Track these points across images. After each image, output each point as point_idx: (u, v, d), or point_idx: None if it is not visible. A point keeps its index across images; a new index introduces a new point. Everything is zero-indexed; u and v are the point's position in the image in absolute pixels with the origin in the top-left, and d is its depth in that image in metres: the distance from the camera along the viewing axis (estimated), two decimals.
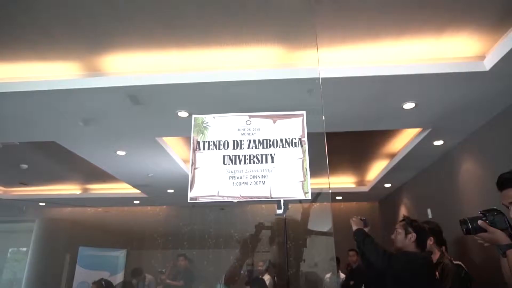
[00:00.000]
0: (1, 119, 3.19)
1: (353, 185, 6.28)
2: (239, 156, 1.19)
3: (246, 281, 3.41)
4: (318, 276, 6.68)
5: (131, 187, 6.01)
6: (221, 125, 1.24)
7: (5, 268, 7.72)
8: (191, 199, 1.13)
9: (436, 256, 2.72)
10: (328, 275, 5.78)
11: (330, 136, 4.42)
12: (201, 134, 1.23)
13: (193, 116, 1.22)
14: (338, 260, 5.64)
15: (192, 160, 1.18)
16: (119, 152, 4.17)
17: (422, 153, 4.32)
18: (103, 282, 3.01)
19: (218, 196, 1.15)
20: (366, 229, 2.58)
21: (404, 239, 2.44)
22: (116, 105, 2.99)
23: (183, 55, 2.65)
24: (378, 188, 6.00)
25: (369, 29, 2.38)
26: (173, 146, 4.40)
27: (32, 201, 6.90)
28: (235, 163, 1.18)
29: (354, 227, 2.57)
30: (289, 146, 1.20)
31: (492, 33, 2.39)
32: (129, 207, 7.37)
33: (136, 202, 6.96)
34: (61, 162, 4.98)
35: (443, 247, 2.81)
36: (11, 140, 3.74)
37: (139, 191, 6.23)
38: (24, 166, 5.23)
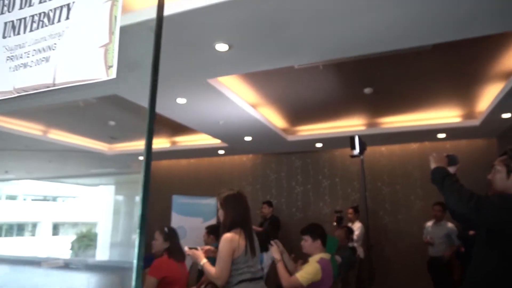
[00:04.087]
0: None
1: (458, 119, 5.13)
2: (25, 19, 0.75)
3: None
4: (416, 226, 5.96)
5: (212, 137, 6.02)
6: None
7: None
8: None
9: None
10: (429, 223, 5.10)
11: (419, 57, 3.53)
12: None
13: None
14: (444, 208, 4.87)
15: None
16: (179, 100, 4.04)
17: None
18: (165, 229, 2.97)
19: None
20: (452, 169, 1.94)
21: (506, 179, 1.75)
22: (144, 44, 2.75)
23: None
24: (494, 121, 4.77)
25: None
26: (232, 87, 4.07)
27: (133, 155, 7.58)
28: (18, 33, 0.75)
29: (433, 166, 1.96)
30: None
31: None
32: (218, 157, 7.55)
33: (220, 152, 7.05)
34: (140, 117, 5.16)
35: None
36: (77, 97, 3.89)
37: (220, 141, 6.23)
38: (112, 122, 5.60)
